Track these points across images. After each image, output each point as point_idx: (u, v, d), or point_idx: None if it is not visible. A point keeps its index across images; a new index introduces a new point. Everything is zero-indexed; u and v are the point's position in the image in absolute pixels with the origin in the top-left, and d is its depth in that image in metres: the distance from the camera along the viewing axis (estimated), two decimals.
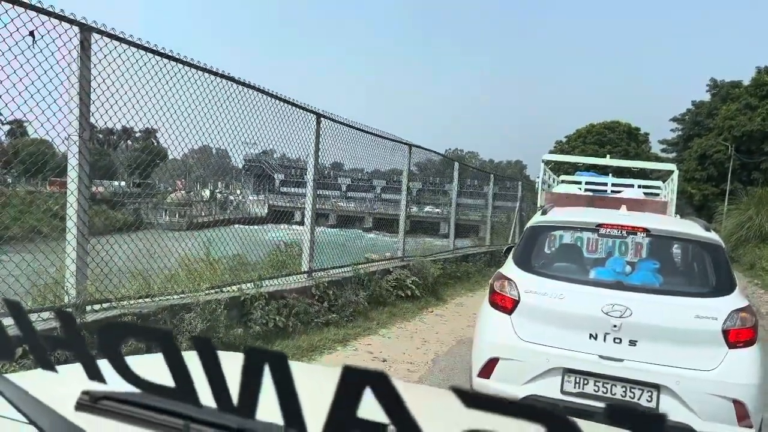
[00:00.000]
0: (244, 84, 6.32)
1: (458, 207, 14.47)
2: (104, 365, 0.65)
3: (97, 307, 4.80)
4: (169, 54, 5.28)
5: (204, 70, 5.75)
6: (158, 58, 5.18)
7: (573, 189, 11.94)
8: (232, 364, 0.57)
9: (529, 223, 5.09)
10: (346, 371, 0.48)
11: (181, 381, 0.60)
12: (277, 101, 6.95)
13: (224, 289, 6.27)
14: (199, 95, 5.73)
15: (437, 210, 18.97)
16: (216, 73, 5.91)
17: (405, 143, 10.88)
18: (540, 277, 4.38)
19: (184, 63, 5.46)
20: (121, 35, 4.77)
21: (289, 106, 7.20)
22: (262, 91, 6.66)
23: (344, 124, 8.59)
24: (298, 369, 0.58)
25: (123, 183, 7.57)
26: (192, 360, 0.59)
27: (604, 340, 3.95)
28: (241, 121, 6.39)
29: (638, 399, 3.85)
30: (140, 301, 5.22)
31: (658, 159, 42.33)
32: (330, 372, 1.38)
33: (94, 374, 0.66)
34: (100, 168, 7.28)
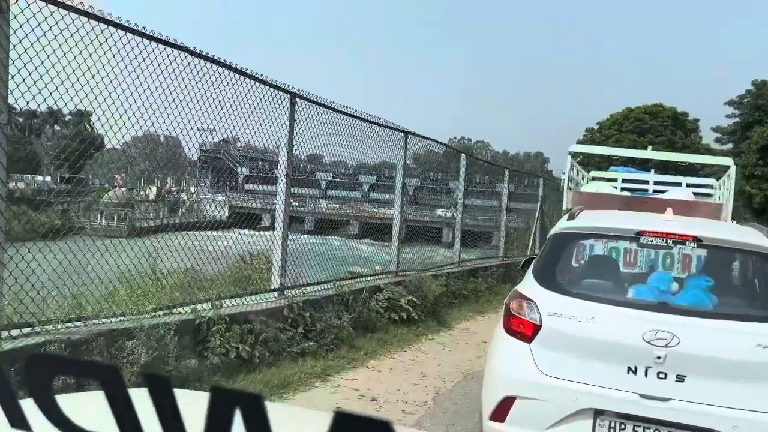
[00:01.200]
0: (200, 56, 6.30)
1: (465, 209, 14.51)
2: (29, 407, 0.65)
3: (15, 332, 4.74)
4: (104, 17, 5.25)
5: (150, 38, 5.73)
6: (94, 23, 5.15)
7: (607, 188, 11.99)
8: (193, 406, 0.56)
9: (553, 230, 5.11)
10: (214, 392, 0.48)
11: (127, 427, 0.59)
12: (243, 77, 6.94)
13: (175, 310, 6.24)
14: (145, 69, 5.71)
15: (439, 213, 19.00)
16: (165, 42, 5.88)
17: (400, 130, 10.91)
18: (566, 297, 4.39)
19: (122, 28, 5.43)
20: None
21: (258, 85, 7.19)
22: (225, 65, 6.65)
23: (325, 106, 8.59)
24: (277, 413, 0.57)
25: (48, 178, 7.51)
26: (141, 400, 0.58)
27: (646, 375, 3.97)
28: (196, 102, 6.38)
29: None
30: (70, 325, 5.17)
31: (710, 151, 42.75)
32: (318, 417, 1.36)
33: (16, 419, 0.65)
34: (19, 159, 7.23)
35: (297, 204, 9.86)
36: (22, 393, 0.66)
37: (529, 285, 4.58)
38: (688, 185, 12.88)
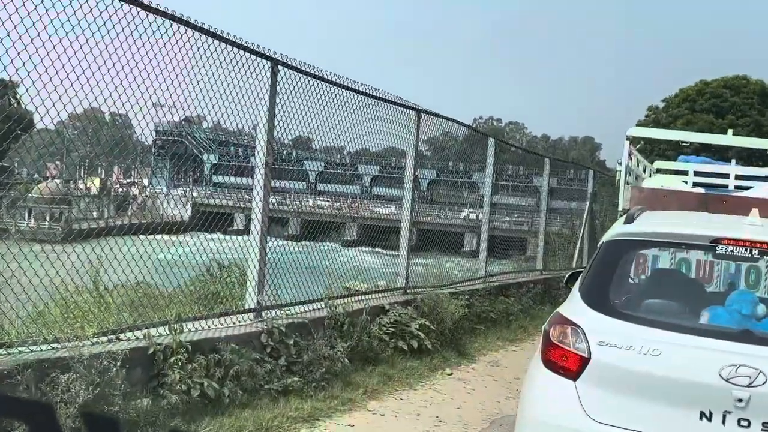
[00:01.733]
0: (154, 10, 6.29)
1: (494, 209, 14.52)
2: None
3: None
4: None
5: None
6: None
7: (675, 182, 11.95)
8: None
9: (606, 237, 5.10)
10: None
11: None
12: (213, 40, 6.96)
13: (122, 335, 6.26)
14: (86, 28, 5.73)
15: (461, 214, 18.99)
16: None
17: (410, 107, 10.93)
18: (622, 322, 4.39)
19: None
20: None
21: (231, 50, 7.21)
22: (189, 24, 6.66)
23: (316, 76, 8.61)
24: None
25: None
26: None
27: (723, 422, 3.96)
28: (152, 71, 6.40)
29: None
30: None
31: None
32: None
33: None
34: None
35: (279, 201, 9.87)
36: None
37: (574, 306, 4.58)
38: None
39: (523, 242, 18.57)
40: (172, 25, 6.53)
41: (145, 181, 10.22)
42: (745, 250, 4.56)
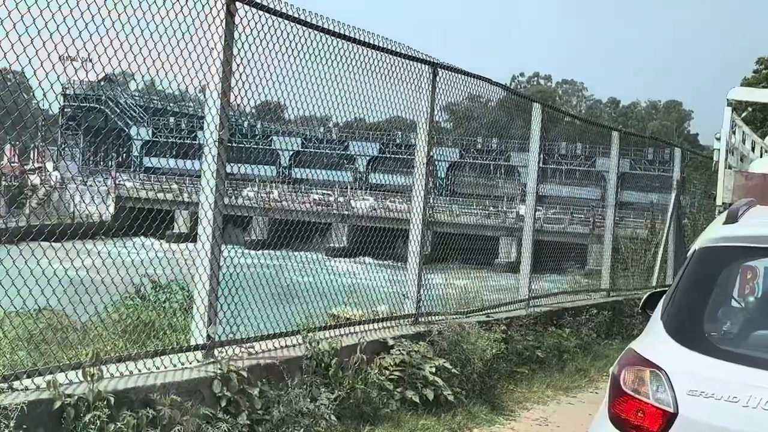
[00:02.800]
0: None
1: (541, 203, 14.52)
2: None
3: None
4: None
5: None
6: None
7: None
8: None
9: (700, 242, 5.10)
10: None
11: None
12: None
13: (17, 383, 6.24)
14: None
15: (492, 209, 18.94)
16: None
17: (424, 60, 10.92)
18: (722, 362, 4.39)
19: None
20: None
21: None
22: None
23: (289, 17, 8.60)
24: None
25: None
26: None
27: None
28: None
29: None
30: None
31: None
32: None
33: None
34: None
35: (237, 192, 9.86)
36: None
37: (655, 341, 4.58)
38: None
39: (582, 250, 18.59)
40: None
41: (50, 166, 10.18)
42: None
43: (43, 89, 6.98)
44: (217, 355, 7.80)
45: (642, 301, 5.86)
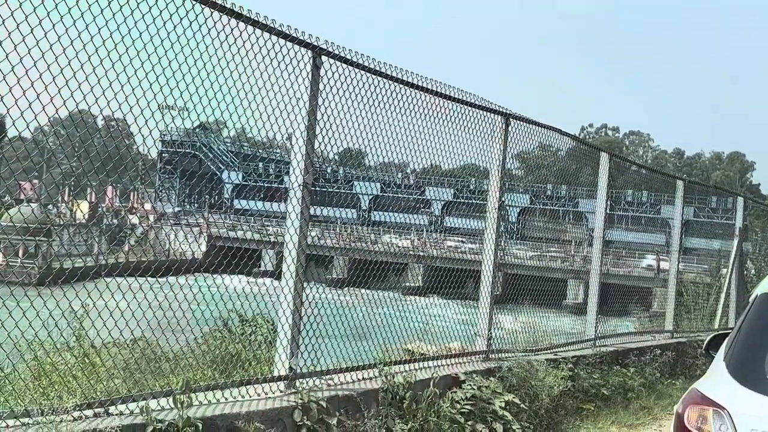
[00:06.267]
0: None
1: (608, 248, 14.43)
2: None
3: None
4: None
5: None
6: None
7: None
8: None
9: (761, 288, 5.08)
10: None
11: None
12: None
13: (112, 409, 6.34)
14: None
15: (560, 253, 18.83)
16: None
17: (496, 111, 10.99)
18: None
19: None
20: None
21: (254, 32, 7.41)
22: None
23: (373, 71, 8.74)
24: None
25: None
26: None
27: None
28: (157, 59, 6.58)
29: None
30: None
31: None
32: None
33: None
34: None
35: (321, 232, 9.94)
36: None
37: (718, 381, 4.57)
38: None
39: (647, 293, 18.40)
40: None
41: (147, 206, 10.29)
42: None
43: (142, 135, 7.14)
44: (298, 386, 7.87)
45: (705, 342, 5.82)
